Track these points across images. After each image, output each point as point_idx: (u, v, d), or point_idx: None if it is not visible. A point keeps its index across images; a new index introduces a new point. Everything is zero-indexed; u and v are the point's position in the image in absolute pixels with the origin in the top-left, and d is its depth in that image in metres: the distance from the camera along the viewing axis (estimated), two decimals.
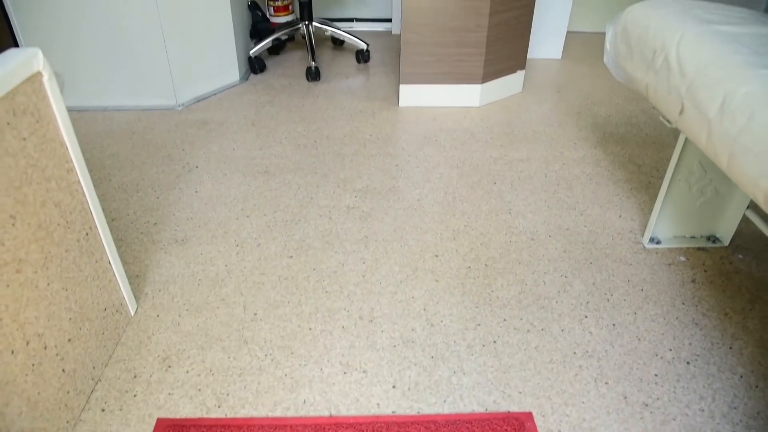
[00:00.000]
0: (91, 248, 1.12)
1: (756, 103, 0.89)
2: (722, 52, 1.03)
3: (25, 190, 0.91)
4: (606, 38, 1.42)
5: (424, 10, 2.07)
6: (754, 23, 1.21)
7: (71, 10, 2.07)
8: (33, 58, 0.92)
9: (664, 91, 1.14)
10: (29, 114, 0.92)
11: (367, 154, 1.95)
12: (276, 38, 2.66)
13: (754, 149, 0.87)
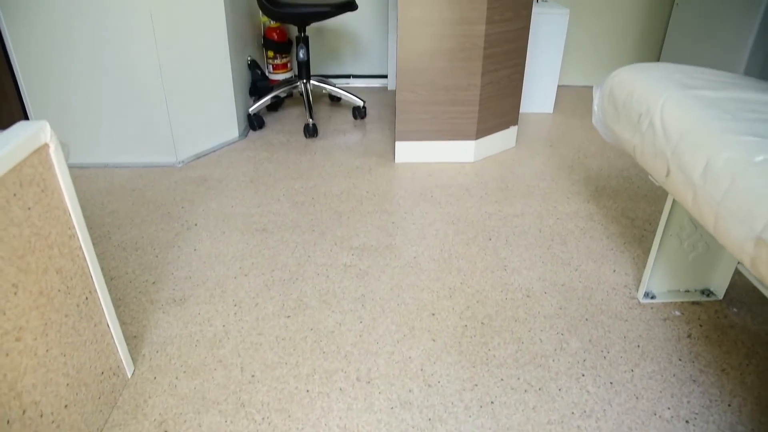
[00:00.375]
0: (90, 312, 1.13)
1: (737, 168, 0.92)
2: (704, 118, 1.07)
3: (28, 258, 0.93)
4: (594, 100, 1.47)
5: (418, 70, 2.14)
6: (734, 87, 1.26)
7: (75, 69, 2.14)
8: (41, 131, 0.96)
9: (650, 154, 1.18)
10: (35, 184, 0.95)
11: (364, 211, 1.98)
12: (275, 96, 2.73)
13: (737, 214, 0.89)
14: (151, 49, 2.12)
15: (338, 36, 3.27)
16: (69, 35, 2.08)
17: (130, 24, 2.07)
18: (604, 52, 3.37)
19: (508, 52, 2.22)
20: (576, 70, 3.43)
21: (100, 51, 2.11)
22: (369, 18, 3.21)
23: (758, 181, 0.88)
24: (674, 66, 1.41)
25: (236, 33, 2.52)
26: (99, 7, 2.03)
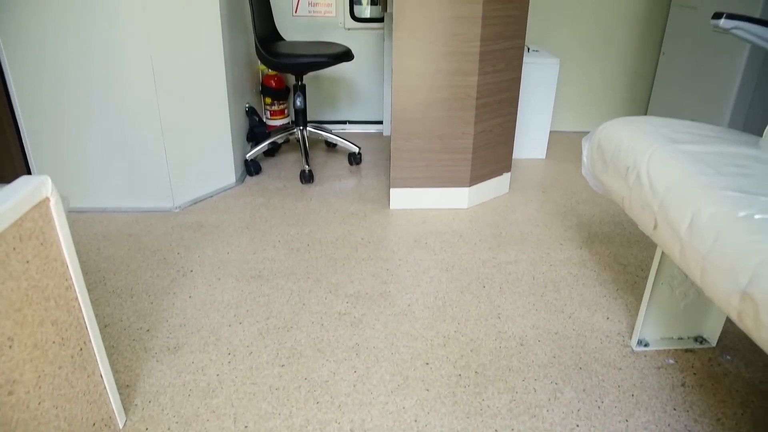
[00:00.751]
0: (84, 363, 1.13)
1: (721, 224, 0.95)
2: (688, 173, 1.10)
3: (25, 311, 0.94)
4: (583, 151, 1.51)
5: (413, 119, 2.19)
6: (717, 141, 1.30)
7: (75, 112, 2.19)
8: (42, 185, 0.98)
9: (638, 206, 1.21)
10: (34, 238, 0.97)
11: (359, 258, 1.99)
12: (272, 142, 2.78)
13: (722, 268, 0.91)
14: (151, 94, 2.17)
15: (335, 83, 3.35)
16: (70, 78, 2.13)
17: (131, 69, 2.12)
18: (594, 98, 3.45)
19: (500, 101, 2.28)
20: (568, 117, 3.50)
21: (100, 95, 2.16)
22: (365, 65, 3.29)
23: (742, 236, 0.90)
24: (660, 119, 1.45)
25: (235, 80, 2.59)
26: (101, 52, 2.09)
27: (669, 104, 3.08)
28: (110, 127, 2.21)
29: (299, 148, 3.07)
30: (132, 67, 2.12)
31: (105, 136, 2.23)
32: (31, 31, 2.06)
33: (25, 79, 2.12)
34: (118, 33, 2.07)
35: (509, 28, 2.18)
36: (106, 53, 2.09)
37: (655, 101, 3.24)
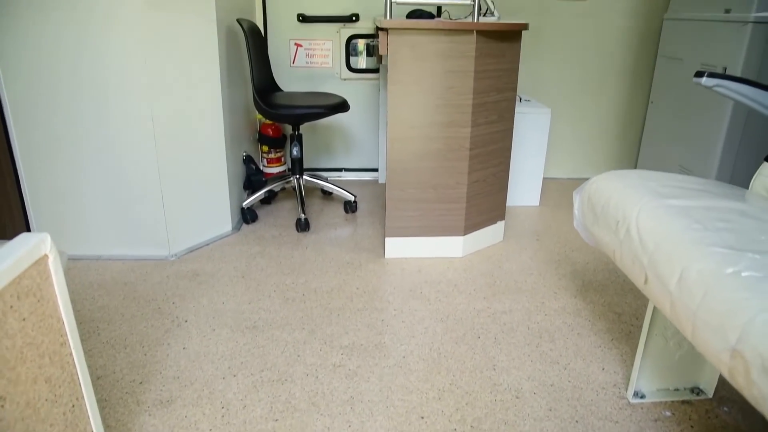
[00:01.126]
0: (76, 420, 1.12)
1: (709, 280, 0.96)
2: (676, 228, 1.13)
3: (19, 369, 0.94)
4: (574, 204, 1.53)
5: (407, 170, 2.23)
6: (705, 195, 1.33)
7: (75, 161, 2.22)
8: (42, 242, 1.00)
9: (629, 260, 1.23)
10: (32, 295, 0.97)
11: (354, 309, 1.99)
12: (268, 191, 2.81)
13: (712, 324, 0.93)
14: (150, 142, 2.21)
15: (331, 131, 3.41)
16: (70, 124, 2.18)
17: (131, 117, 2.17)
18: (586, 145, 3.52)
19: (493, 151, 2.33)
20: (561, 163, 3.56)
21: (99, 142, 2.20)
22: (360, 115, 3.36)
23: (730, 293, 0.92)
24: (648, 173, 1.48)
25: (233, 129, 2.63)
26: (101, 100, 2.14)
27: (659, 151, 3.14)
28: (108, 174, 2.24)
29: (295, 196, 3.10)
30: (132, 115, 2.17)
31: (103, 183, 2.26)
32: (34, 80, 2.11)
33: (26, 124, 2.17)
34: (119, 82, 2.13)
35: (501, 81, 2.24)
36: (107, 101, 2.14)
37: (646, 148, 3.31)
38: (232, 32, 2.58)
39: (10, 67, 2.10)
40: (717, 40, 2.64)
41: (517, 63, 2.29)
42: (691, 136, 2.83)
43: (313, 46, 3.22)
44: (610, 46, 3.31)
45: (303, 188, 2.79)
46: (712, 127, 2.66)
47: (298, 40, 3.21)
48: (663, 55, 3.11)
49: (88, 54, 2.09)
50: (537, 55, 3.31)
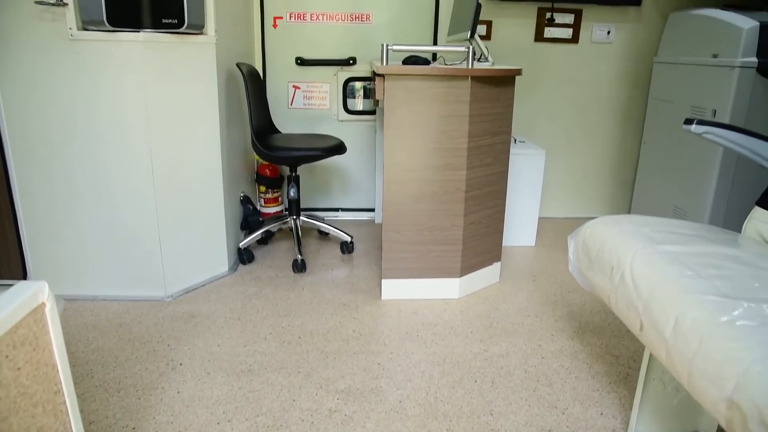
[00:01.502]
0: None
1: (704, 329, 0.97)
2: (670, 275, 1.14)
3: (11, 419, 0.93)
4: (569, 249, 1.55)
5: (403, 212, 2.25)
6: (698, 241, 1.34)
7: (73, 200, 2.24)
8: (39, 291, 1.00)
9: (624, 306, 1.23)
10: (27, 344, 0.97)
11: (350, 352, 1.98)
12: (265, 231, 2.82)
13: (708, 374, 0.93)
14: (148, 184, 2.23)
15: (328, 171, 3.44)
16: (69, 163, 2.20)
17: (129, 159, 2.20)
18: (581, 185, 3.56)
19: (488, 193, 2.35)
20: (556, 203, 3.59)
21: (99, 182, 2.22)
22: (357, 155, 3.40)
23: (725, 343, 0.93)
24: (642, 218, 1.50)
25: (231, 169, 2.66)
26: (101, 140, 2.17)
27: (653, 191, 3.18)
28: (106, 215, 2.26)
29: (292, 237, 3.11)
30: (131, 157, 2.19)
31: (100, 224, 2.27)
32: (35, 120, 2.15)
33: (25, 164, 2.20)
34: (119, 124, 2.16)
35: (496, 125, 2.28)
36: (107, 143, 2.18)
37: (640, 188, 3.34)
38: (231, 75, 2.63)
39: (12, 109, 2.13)
40: (706, 83, 2.71)
41: (511, 107, 2.34)
42: (684, 176, 2.87)
43: (311, 89, 3.28)
44: (602, 87, 3.38)
45: (300, 229, 2.80)
46: (705, 168, 2.70)
47: (296, 83, 3.27)
48: (654, 97, 3.18)
49: (89, 97, 2.13)
50: (530, 96, 3.38)
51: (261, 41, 3.19)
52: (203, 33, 2.30)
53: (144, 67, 2.12)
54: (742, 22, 2.53)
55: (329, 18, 3.17)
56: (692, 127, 1.49)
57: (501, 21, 3.23)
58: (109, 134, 2.17)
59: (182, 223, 2.38)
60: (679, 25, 2.98)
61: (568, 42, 3.30)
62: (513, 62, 3.30)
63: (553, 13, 3.24)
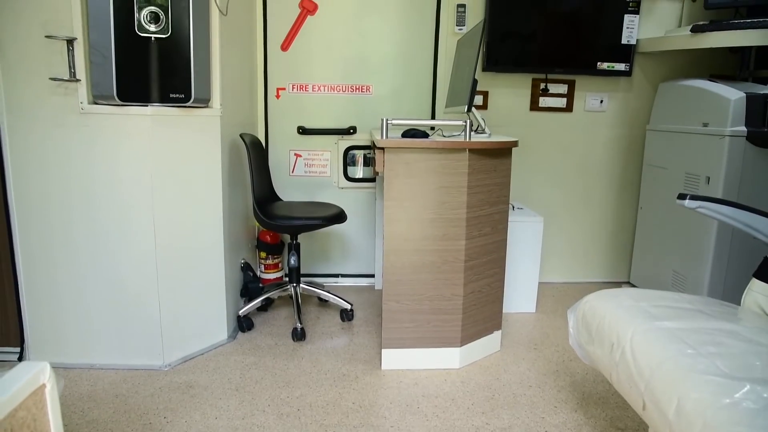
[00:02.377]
0: None
1: (706, 411, 0.97)
2: (670, 354, 1.14)
3: None
4: (569, 323, 1.55)
5: (403, 282, 2.26)
6: (696, 315, 1.35)
7: (73, 269, 2.26)
8: (41, 372, 1.00)
9: (626, 384, 1.23)
10: (26, 426, 0.96)
11: (350, 425, 1.95)
12: (265, 298, 2.82)
13: None
14: (150, 252, 2.25)
15: (328, 237, 3.47)
16: (71, 230, 2.23)
17: (132, 227, 2.23)
18: (580, 250, 3.58)
19: (488, 262, 2.37)
20: (555, 269, 3.60)
21: (100, 248, 2.25)
22: (357, 222, 3.43)
23: (728, 427, 0.92)
24: (640, 292, 1.52)
25: (232, 237, 2.68)
26: (103, 211, 2.21)
27: (652, 257, 3.20)
28: (106, 282, 2.27)
29: (292, 303, 3.10)
30: (134, 225, 2.23)
31: (100, 291, 2.28)
32: (42, 188, 2.20)
33: (30, 230, 2.23)
34: (124, 193, 2.21)
35: (493, 195, 2.32)
36: (110, 211, 2.22)
37: (639, 253, 3.36)
38: (235, 145, 2.70)
39: (21, 177, 2.19)
40: (698, 151, 2.78)
41: (508, 177, 2.39)
42: (682, 242, 2.90)
43: (312, 156, 3.35)
44: (597, 154, 3.46)
45: (300, 296, 2.80)
46: (702, 233, 2.73)
47: (297, 151, 3.35)
48: (648, 163, 3.25)
49: (96, 167, 2.18)
50: (527, 163, 3.45)
51: (264, 111, 3.29)
52: (209, 106, 2.38)
53: (151, 139, 2.18)
54: (729, 93, 2.62)
55: (331, 89, 3.28)
56: (685, 202, 1.52)
57: (497, 91, 3.34)
58: (114, 204, 2.21)
59: (183, 291, 2.38)
60: (669, 94, 3.08)
61: (562, 111, 3.40)
62: (509, 131, 3.38)
63: (547, 84, 3.35)
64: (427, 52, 3.27)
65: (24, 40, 2.12)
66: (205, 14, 2.27)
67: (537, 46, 3.21)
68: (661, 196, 3.10)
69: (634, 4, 3.21)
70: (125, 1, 2.05)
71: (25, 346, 2.34)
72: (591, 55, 3.24)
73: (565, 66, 3.25)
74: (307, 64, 3.25)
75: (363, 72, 3.27)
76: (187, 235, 2.36)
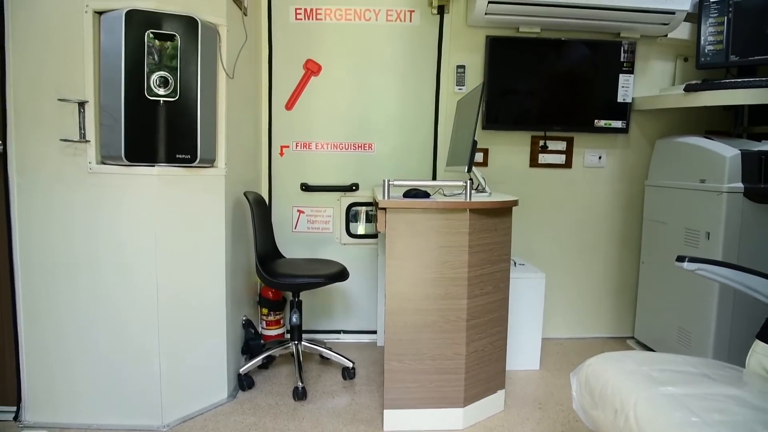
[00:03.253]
0: None
1: None
2: (675, 422, 1.13)
3: None
4: (572, 386, 1.54)
5: (405, 341, 2.25)
6: (700, 380, 1.34)
7: (75, 328, 2.26)
8: None
9: None
10: None
11: None
12: (266, 356, 2.80)
13: None
14: (152, 311, 2.27)
15: (330, 294, 3.46)
16: (74, 286, 2.25)
17: (135, 287, 2.25)
18: (583, 306, 3.56)
19: (490, 321, 2.36)
20: (559, 324, 3.57)
21: (102, 310, 2.26)
22: (359, 278, 3.44)
23: None
24: (643, 355, 1.51)
25: (234, 294, 2.69)
26: (107, 271, 2.24)
27: (655, 311, 3.18)
28: (107, 340, 2.27)
29: (293, 361, 3.07)
30: (137, 284, 2.25)
31: (101, 350, 2.28)
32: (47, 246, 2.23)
33: (33, 288, 2.25)
34: (128, 254, 2.23)
35: (495, 254, 2.34)
36: (114, 271, 2.24)
37: (642, 308, 3.35)
38: (239, 203, 2.74)
39: (27, 232, 2.23)
40: (697, 206, 2.80)
41: (509, 235, 2.41)
42: (685, 297, 2.89)
43: (315, 213, 3.39)
44: (597, 209, 3.49)
45: (301, 354, 2.78)
46: (705, 288, 2.73)
47: (300, 207, 3.38)
48: (648, 218, 3.27)
49: (101, 224, 2.23)
50: (528, 218, 3.48)
51: (268, 168, 3.35)
52: (214, 166, 2.43)
53: (156, 197, 2.22)
54: (724, 150, 2.67)
55: (334, 147, 3.34)
56: (684, 264, 1.53)
57: (497, 148, 3.40)
58: (118, 261, 2.23)
59: (184, 350, 2.37)
60: (666, 151, 3.13)
61: (561, 167, 3.45)
62: (510, 187, 3.43)
63: (546, 141, 3.42)
64: (428, 111, 3.35)
65: (38, 102, 2.19)
66: (212, 78, 2.35)
67: (535, 104, 3.29)
68: (663, 251, 3.11)
69: (628, 64, 3.30)
70: (136, 66, 2.12)
71: (21, 405, 2.31)
72: (588, 113, 3.32)
73: (563, 124, 3.32)
74: (311, 122, 3.33)
75: (365, 130, 3.34)
76: (189, 293, 2.37)
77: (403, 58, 3.30)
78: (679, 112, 3.41)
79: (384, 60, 3.30)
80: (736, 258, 2.65)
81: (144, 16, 2.13)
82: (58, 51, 2.18)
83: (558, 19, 3.10)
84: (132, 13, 2.10)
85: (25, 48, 2.18)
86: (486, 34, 3.26)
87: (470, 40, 3.29)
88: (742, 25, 2.93)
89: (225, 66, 2.41)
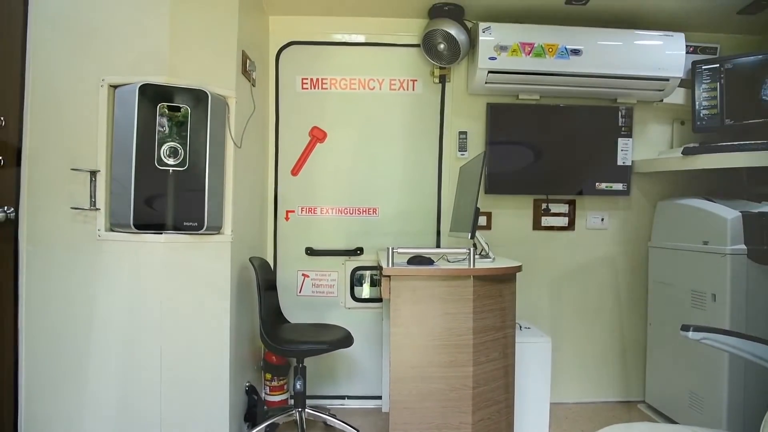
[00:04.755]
0: None
1: None
2: None
3: None
4: None
5: (410, 410, 2.22)
6: None
7: (76, 388, 2.26)
8: None
9: None
10: None
11: None
12: (269, 424, 2.75)
13: None
14: (156, 379, 2.26)
15: (334, 359, 3.43)
16: (76, 357, 2.25)
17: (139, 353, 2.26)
18: (591, 369, 3.50)
19: (496, 388, 2.33)
20: (567, 388, 3.50)
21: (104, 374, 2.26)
22: (364, 342, 3.40)
23: None
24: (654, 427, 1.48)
25: (237, 360, 2.66)
26: (110, 332, 2.27)
27: (666, 374, 3.12)
28: (109, 407, 2.25)
29: (296, 429, 3.01)
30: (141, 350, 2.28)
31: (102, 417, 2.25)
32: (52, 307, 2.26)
33: (36, 351, 2.27)
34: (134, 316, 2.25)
35: (499, 320, 2.33)
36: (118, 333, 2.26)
37: (652, 371, 3.29)
38: (244, 269, 2.75)
39: (32, 300, 2.27)
40: (701, 268, 2.80)
41: (513, 301, 2.41)
42: (695, 360, 2.83)
43: (320, 277, 3.39)
44: (602, 271, 3.48)
45: (305, 422, 2.73)
46: (714, 350, 2.66)
47: (305, 271, 3.40)
48: (654, 280, 3.26)
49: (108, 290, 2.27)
50: (533, 281, 3.47)
51: (273, 232, 3.38)
52: (221, 233, 2.46)
53: (162, 264, 2.25)
54: (725, 213, 2.69)
55: (338, 211, 3.39)
56: (689, 333, 1.53)
57: (500, 212, 3.44)
58: (123, 327, 2.24)
59: (186, 417, 2.34)
60: (667, 213, 3.16)
61: (564, 229, 3.47)
62: (513, 250, 3.43)
63: (549, 204, 3.45)
64: (431, 176, 3.41)
65: (50, 172, 2.26)
66: (221, 147, 2.41)
67: (536, 169, 3.34)
68: (670, 313, 3.08)
69: (626, 129, 3.37)
70: (148, 137, 2.19)
71: None
72: (589, 176, 3.37)
73: (565, 186, 3.37)
74: (316, 187, 3.39)
75: (370, 195, 3.39)
76: (193, 360, 2.36)
77: (407, 125, 3.39)
78: (679, 174, 3.44)
79: (388, 127, 3.38)
80: (745, 320, 2.62)
81: (156, 90, 2.21)
82: (72, 122, 2.26)
83: (556, 87, 3.19)
84: (145, 87, 2.19)
85: (42, 119, 2.26)
86: (487, 102, 3.35)
87: (472, 107, 3.38)
88: (734, 90, 3.01)
89: (233, 135, 2.48)
